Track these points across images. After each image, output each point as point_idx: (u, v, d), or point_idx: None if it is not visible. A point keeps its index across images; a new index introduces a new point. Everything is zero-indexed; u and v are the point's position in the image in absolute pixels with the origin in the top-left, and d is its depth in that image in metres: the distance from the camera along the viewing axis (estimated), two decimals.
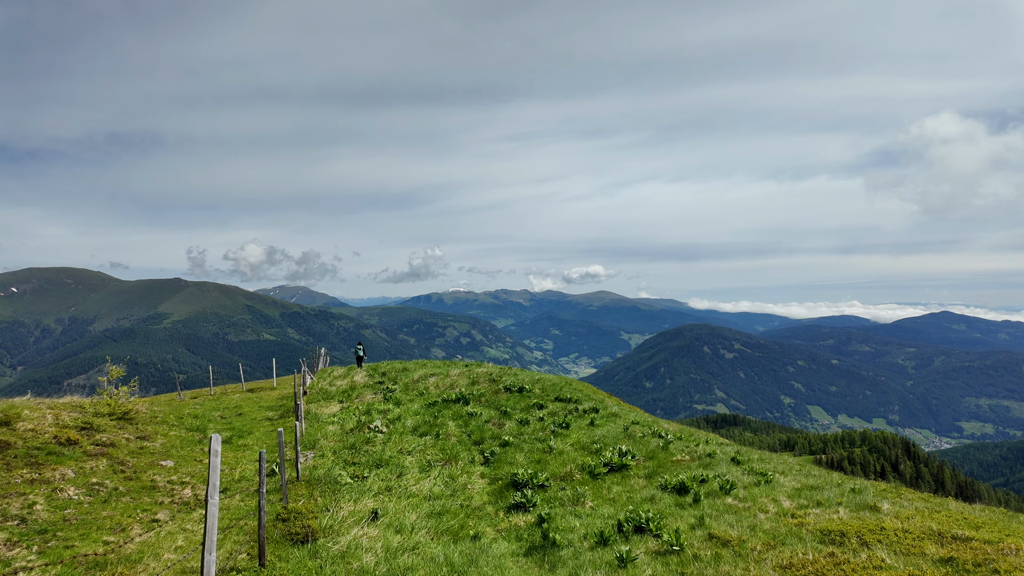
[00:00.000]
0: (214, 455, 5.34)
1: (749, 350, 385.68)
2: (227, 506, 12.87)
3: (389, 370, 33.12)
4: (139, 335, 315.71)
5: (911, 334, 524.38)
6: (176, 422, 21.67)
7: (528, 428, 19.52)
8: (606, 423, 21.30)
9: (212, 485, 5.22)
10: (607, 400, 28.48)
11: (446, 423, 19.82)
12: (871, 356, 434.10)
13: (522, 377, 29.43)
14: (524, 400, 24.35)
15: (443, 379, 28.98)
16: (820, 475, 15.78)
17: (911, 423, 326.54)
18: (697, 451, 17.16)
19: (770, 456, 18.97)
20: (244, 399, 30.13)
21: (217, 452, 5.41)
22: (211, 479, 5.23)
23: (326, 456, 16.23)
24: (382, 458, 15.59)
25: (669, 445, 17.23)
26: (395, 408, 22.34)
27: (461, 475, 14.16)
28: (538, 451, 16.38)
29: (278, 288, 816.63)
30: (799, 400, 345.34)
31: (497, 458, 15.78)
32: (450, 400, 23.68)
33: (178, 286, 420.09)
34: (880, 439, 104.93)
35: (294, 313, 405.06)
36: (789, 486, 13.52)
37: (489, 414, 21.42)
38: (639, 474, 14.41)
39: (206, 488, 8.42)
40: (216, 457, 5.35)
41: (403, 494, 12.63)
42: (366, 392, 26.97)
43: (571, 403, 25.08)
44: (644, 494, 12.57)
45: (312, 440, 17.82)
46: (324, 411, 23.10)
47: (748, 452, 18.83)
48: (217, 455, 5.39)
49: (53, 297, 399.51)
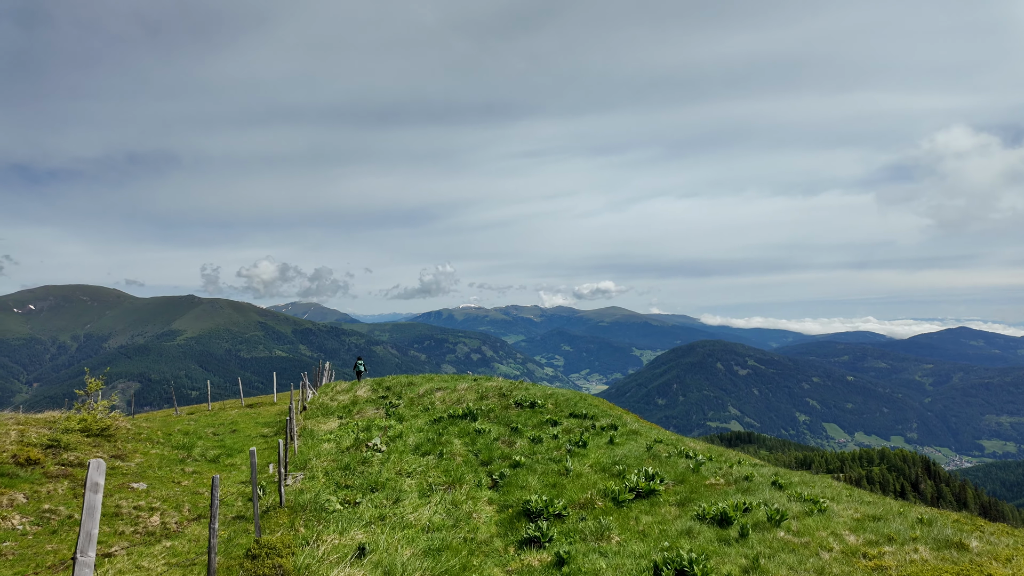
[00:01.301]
0: (91, 490, 3.69)
1: (763, 366, 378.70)
2: (198, 536, 11.24)
3: (394, 384, 31.49)
4: (153, 352, 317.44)
5: (928, 350, 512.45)
6: (163, 439, 20.17)
7: (541, 447, 17.73)
8: (626, 441, 19.44)
9: (85, 535, 3.59)
10: (625, 416, 26.57)
11: (451, 441, 18.09)
12: (887, 372, 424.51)
13: (534, 391, 27.65)
14: (536, 416, 22.57)
15: (450, 393, 27.28)
16: (875, 502, 13.80)
17: (930, 441, 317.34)
18: (732, 473, 15.26)
19: (812, 478, 16.97)
20: (241, 415, 28.67)
21: (97, 486, 3.79)
22: (84, 525, 3.58)
23: (316, 478, 14.57)
24: (378, 480, 13.90)
25: (700, 467, 15.34)
26: (397, 425, 20.67)
27: (466, 501, 12.41)
28: (553, 473, 14.58)
29: (290, 305, 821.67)
30: (814, 417, 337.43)
31: (507, 481, 14.01)
32: (456, 416, 21.96)
33: (191, 303, 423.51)
34: (899, 457, 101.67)
35: (306, 330, 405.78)
36: (846, 516, 11.61)
37: (498, 431, 19.65)
38: (670, 501, 12.57)
39: (77, 539, 6.83)
40: (94, 493, 3.72)
41: (398, 524, 10.91)
42: (368, 407, 25.34)
43: (587, 419, 23.24)
44: (679, 526, 10.73)
45: (303, 460, 16.18)
46: (321, 427, 21.49)
47: (788, 474, 16.86)
48: (96, 489, 3.76)
49: (69, 314, 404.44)
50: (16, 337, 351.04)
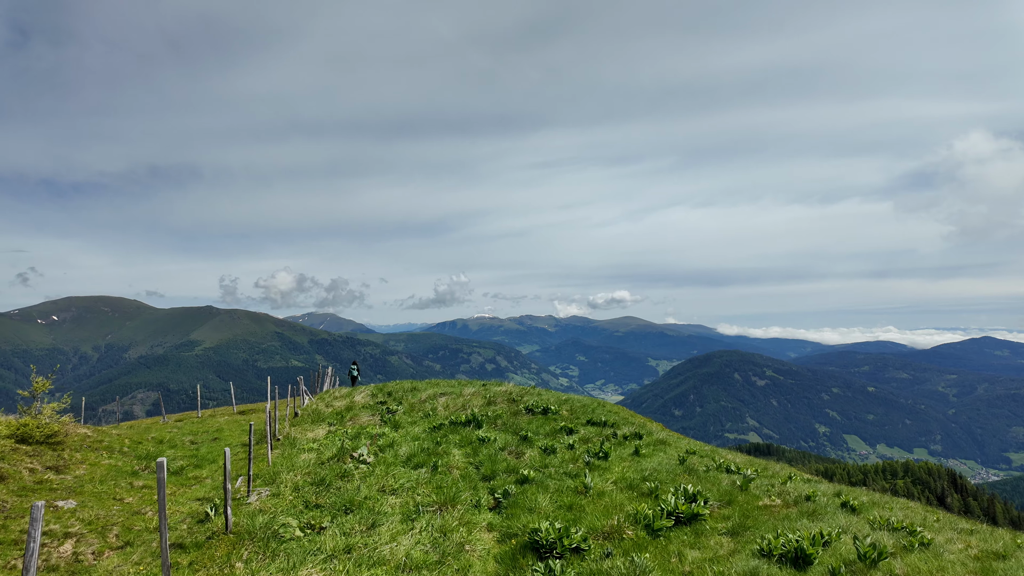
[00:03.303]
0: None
1: (781, 377, 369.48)
2: (111, 571, 8.80)
3: (396, 390, 29.04)
4: (171, 362, 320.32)
5: (951, 360, 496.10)
6: (128, 448, 17.91)
7: (555, 458, 15.06)
8: (654, 453, 16.67)
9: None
10: (649, 424, 23.72)
11: (449, 451, 15.50)
12: (909, 383, 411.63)
13: (546, 397, 24.98)
14: (549, 423, 19.89)
15: (455, 399, 24.73)
16: (977, 530, 10.86)
17: (955, 454, 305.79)
18: (788, 492, 12.43)
19: (884, 499, 14.02)
20: (229, 422, 26.46)
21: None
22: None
23: (283, 495, 12.09)
24: (355, 499, 11.38)
25: (749, 484, 12.54)
26: (390, 432, 18.16)
27: (458, 527, 9.80)
28: (569, 491, 11.91)
29: (307, 315, 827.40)
30: (835, 429, 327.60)
31: (512, 501, 11.38)
32: (459, 423, 19.39)
33: (210, 314, 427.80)
34: (924, 470, 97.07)
35: (322, 340, 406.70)
36: (958, 552, 8.76)
37: (505, 439, 17.02)
38: (719, 529, 9.83)
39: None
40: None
41: (366, 559, 8.36)
42: (363, 414, 22.88)
43: (607, 427, 20.49)
44: (739, 566, 8.00)
45: (273, 473, 13.73)
46: (307, 435, 19.07)
47: (851, 492, 13.94)
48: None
49: (91, 325, 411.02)
50: (39, 347, 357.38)
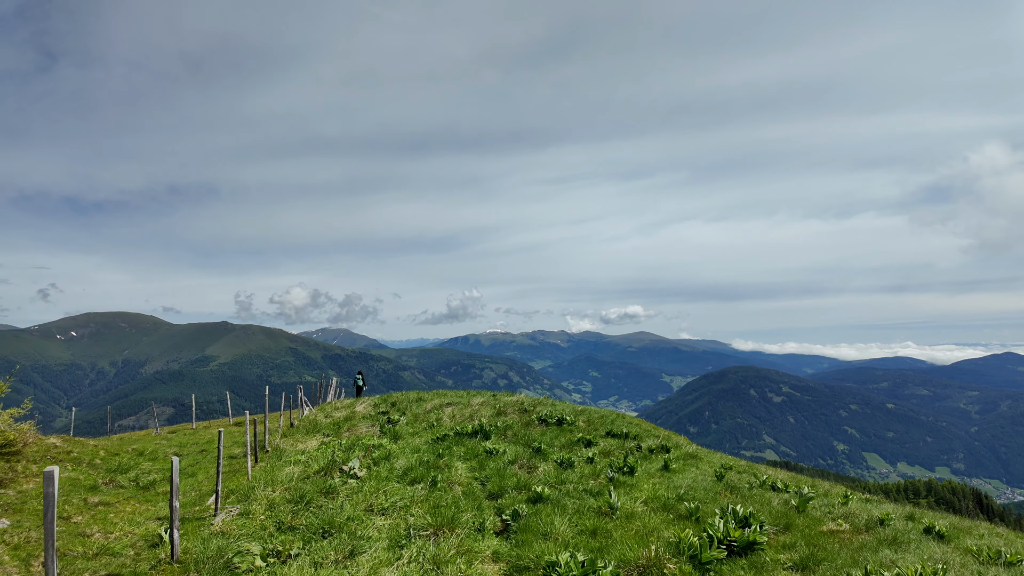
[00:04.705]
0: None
1: (798, 393, 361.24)
2: None
3: (400, 400, 27.25)
4: (187, 377, 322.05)
5: (972, 377, 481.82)
6: (100, 460, 16.31)
7: (572, 473, 13.11)
8: (685, 467, 14.64)
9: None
10: (674, 437, 21.59)
11: (452, 464, 13.62)
12: (930, 400, 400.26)
13: (561, 407, 23.02)
14: (565, 435, 17.93)
15: (462, 409, 22.87)
16: None
17: (978, 472, 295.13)
18: (853, 514, 10.36)
19: (965, 523, 11.85)
20: (223, 434, 24.86)
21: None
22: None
23: (254, 515, 10.31)
24: (335, 520, 9.55)
25: (807, 504, 10.48)
26: (388, 444, 16.34)
27: (455, 558, 7.91)
28: (591, 512, 9.97)
29: (320, 331, 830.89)
30: (853, 446, 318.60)
31: (523, 524, 9.47)
32: (465, 433, 17.51)
33: (225, 329, 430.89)
34: (948, 489, 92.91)
35: (335, 355, 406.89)
36: None
37: (515, 452, 15.09)
38: (782, 560, 7.83)
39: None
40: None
41: None
42: (362, 424, 21.10)
43: (629, 439, 18.48)
44: None
45: (247, 489, 11.97)
46: (298, 447, 17.32)
47: (924, 515, 11.79)
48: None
49: (109, 341, 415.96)
50: (58, 363, 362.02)
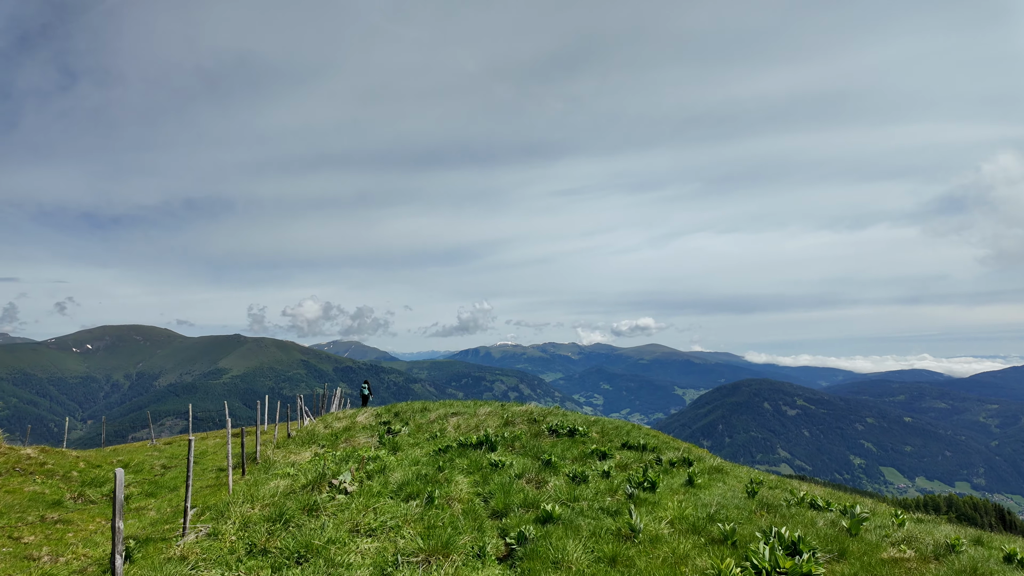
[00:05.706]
0: None
1: (813, 406, 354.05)
2: None
3: (404, 410, 26.00)
4: (200, 390, 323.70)
5: (992, 389, 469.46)
6: (78, 473, 15.21)
7: (586, 489, 11.73)
8: (711, 483, 13.19)
9: None
10: (695, 449, 20.04)
11: (453, 478, 12.30)
12: (948, 413, 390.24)
13: (573, 418, 21.63)
14: (577, 446, 16.54)
15: (468, 419, 21.55)
16: None
17: (999, 488, 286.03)
18: (915, 539, 8.86)
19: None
20: (217, 446, 23.81)
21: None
22: None
23: (224, 536, 9.07)
24: (313, 543, 8.28)
25: (860, 526, 9.00)
26: (386, 455, 15.06)
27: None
28: (610, 535, 8.59)
29: (332, 343, 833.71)
30: (870, 461, 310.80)
31: (530, 549, 8.12)
32: (469, 445, 16.18)
33: (238, 342, 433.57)
34: (969, 505, 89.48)
35: (347, 368, 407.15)
36: None
37: (523, 464, 13.73)
38: None
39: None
40: None
41: None
42: (361, 435, 19.85)
43: (647, 452, 17.03)
44: None
45: (222, 506, 10.74)
46: (289, 458, 16.11)
47: (993, 540, 10.25)
48: None
49: (123, 353, 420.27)
50: (74, 375, 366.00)
